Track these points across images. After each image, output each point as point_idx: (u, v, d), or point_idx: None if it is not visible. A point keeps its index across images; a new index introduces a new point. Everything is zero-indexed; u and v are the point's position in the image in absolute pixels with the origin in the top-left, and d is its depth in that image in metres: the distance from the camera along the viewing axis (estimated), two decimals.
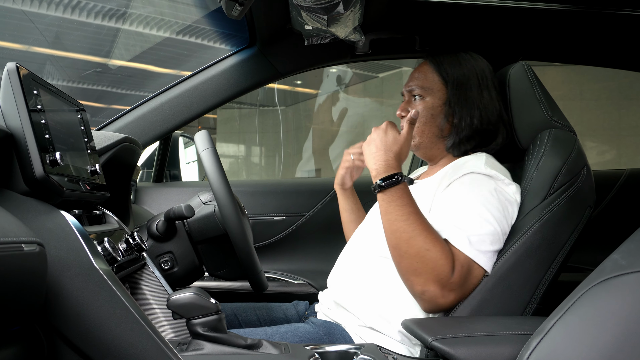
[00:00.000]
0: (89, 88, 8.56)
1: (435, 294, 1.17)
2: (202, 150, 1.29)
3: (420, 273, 1.17)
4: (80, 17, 6.81)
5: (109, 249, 0.93)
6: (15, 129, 0.86)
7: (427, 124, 1.41)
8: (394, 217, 1.21)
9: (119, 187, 1.45)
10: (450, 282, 1.17)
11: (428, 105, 1.41)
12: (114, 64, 8.16)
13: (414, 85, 1.44)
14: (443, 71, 1.41)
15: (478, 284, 1.21)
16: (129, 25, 6.91)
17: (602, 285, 0.78)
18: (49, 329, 0.79)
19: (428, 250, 1.16)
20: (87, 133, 1.15)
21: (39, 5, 6.57)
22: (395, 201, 1.21)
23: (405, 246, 1.18)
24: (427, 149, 1.44)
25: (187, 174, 3.66)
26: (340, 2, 1.40)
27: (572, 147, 1.31)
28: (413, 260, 1.18)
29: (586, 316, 0.77)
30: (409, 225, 1.19)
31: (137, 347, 0.83)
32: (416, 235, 1.17)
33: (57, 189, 0.88)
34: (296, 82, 9.75)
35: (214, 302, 1.00)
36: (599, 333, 0.73)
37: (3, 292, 0.65)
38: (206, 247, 1.39)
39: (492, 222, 1.21)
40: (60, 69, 8.09)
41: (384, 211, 1.23)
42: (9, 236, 0.65)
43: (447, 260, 1.16)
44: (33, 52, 7.22)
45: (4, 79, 0.87)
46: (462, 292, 1.19)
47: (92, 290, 0.82)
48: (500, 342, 1.01)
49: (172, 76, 8.08)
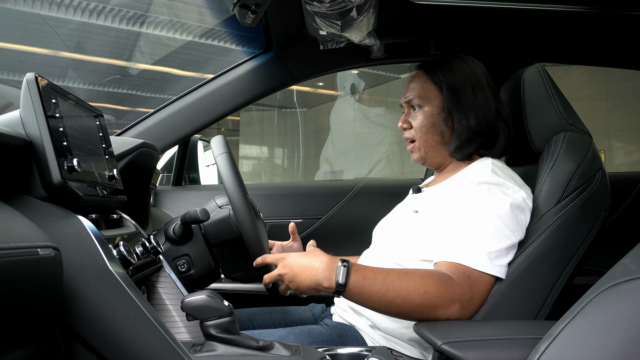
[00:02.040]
0: (114, 91, 8.70)
1: (460, 313, 1.15)
2: (217, 155, 1.32)
3: (436, 309, 1.13)
4: (106, 22, 6.93)
5: (124, 253, 0.96)
6: (34, 136, 0.89)
7: (429, 132, 1.41)
8: (377, 296, 1.12)
9: (138, 191, 1.48)
10: (463, 293, 1.15)
11: (427, 114, 1.41)
12: (138, 67, 8.27)
13: (411, 96, 1.44)
14: (436, 78, 1.41)
15: (491, 286, 1.21)
16: (152, 30, 7.00)
17: (612, 290, 0.77)
18: (65, 329, 0.82)
19: (426, 292, 1.12)
20: (105, 139, 1.18)
21: (65, 11, 6.71)
22: (365, 284, 1.12)
23: (407, 306, 1.12)
24: (432, 158, 1.44)
25: (206, 177, 3.70)
26: (353, 8, 1.41)
27: (587, 150, 1.30)
28: (421, 309, 1.13)
29: (595, 321, 0.76)
30: (393, 290, 1.12)
31: (151, 348, 0.85)
32: (407, 292, 1.12)
33: (74, 195, 0.91)
34: (318, 83, 9.77)
35: (227, 304, 1.03)
36: (608, 338, 0.72)
37: (20, 294, 0.68)
38: (222, 249, 1.42)
39: (509, 235, 1.20)
40: (86, 73, 8.23)
41: (365, 300, 1.13)
42: (25, 241, 0.68)
43: (446, 283, 1.13)
44: (59, 57, 7.36)
45: (23, 89, 0.90)
46: (480, 296, 1.18)
47: (107, 292, 0.85)
48: (509, 346, 1.01)
49: (195, 79, 8.17)
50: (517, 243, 1.22)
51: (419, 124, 1.42)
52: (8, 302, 0.66)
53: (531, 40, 1.83)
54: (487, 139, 1.39)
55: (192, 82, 2.15)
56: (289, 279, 1.17)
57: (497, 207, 1.21)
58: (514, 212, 1.22)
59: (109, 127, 3.78)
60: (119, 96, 8.90)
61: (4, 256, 0.65)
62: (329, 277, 1.12)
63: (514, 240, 1.20)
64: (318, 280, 1.13)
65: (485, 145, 1.39)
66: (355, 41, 1.63)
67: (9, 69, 8.22)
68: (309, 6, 1.41)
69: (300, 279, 1.15)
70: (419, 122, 1.42)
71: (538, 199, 1.29)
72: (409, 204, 1.46)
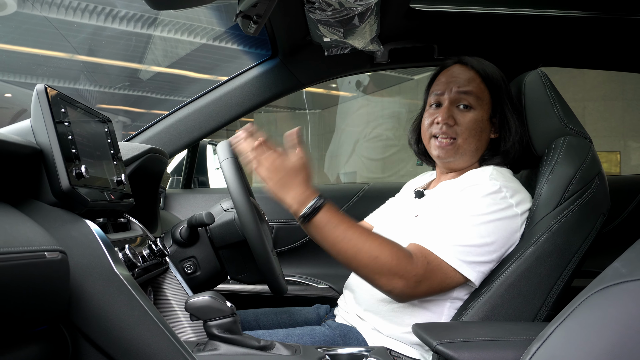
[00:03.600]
0: (129, 94, 8.80)
1: (403, 289, 1.18)
2: (222, 160, 1.36)
3: (379, 276, 1.18)
4: (121, 25, 7.01)
5: (129, 255, 1.00)
6: (44, 144, 0.93)
7: (474, 136, 1.38)
8: (332, 241, 1.18)
9: (147, 194, 1.53)
10: (414, 274, 1.17)
11: (478, 118, 1.38)
12: (152, 70, 8.34)
13: (465, 91, 1.37)
14: (492, 84, 1.38)
15: (455, 285, 1.23)
16: (166, 33, 7.07)
17: (603, 293, 0.79)
18: (72, 328, 0.86)
19: (377, 257, 1.16)
20: (114, 144, 1.22)
21: (81, 15, 6.80)
22: (326, 226, 1.18)
23: (355, 262, 1.18)
24: (460, 161, 1.41)
25: (216, 180, 3.74)
26: (355, 15, 1.44)
27: (586, 154, 1.31)
28: (368, 269, 1.18)
29: (585, 322, 0.77)
30: (349, 242, 1.17)
31: (154, 346, 0.89)
32: (360, 249, 1.17)
33: (82, 200, 0.96)
34: (331, 85, 9.79)
35: (230, 305, 1.06)
36: (598, 339, 0.73)
37: (28, 294, 0.72)
38: (227, 252, 1.45)
39: (484, 235, 1.22)
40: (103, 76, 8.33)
41: (320, 239, 1.20)
42: (33, 245, 0.73)
43: (401, 257, 1.17)
44: (75, 60, 7.46)
45: (33, 99, 0.95)
46: (430, 284, 1.20)
47: (112, 293, 0.89)
48: (503, 347, 1.03)
49: (209, 81, 8.24)
50: (497, 250, 1.23)
51: (468, 125, 1.37)
52: (17, 302, 0.71)
53: (534, 45, 1.85)
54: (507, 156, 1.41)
55: (206, 84, 2.19)
56: (269, 180, 1.21)
57: (481, 209, 1.23)
58: (498, 218, 1.24)
59: (125, 129, 3.85)
60: (134, 98, 9.00)
61: (13, 259, 0.69)
62: (298, 209, 1.19)
63: (490, 244, 1.22)
64: (289, 202, 1.20)
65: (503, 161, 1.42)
66: (358, 47, 1.66)
67: (27, 72, 8.36)
68: (312, 14, 1.45)
69: (276, 187, 1.20)
70: (469, 124, 1.37)
71: (537, 202, 1.31)
72: (410, 208, 1.47)
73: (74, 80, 8.14)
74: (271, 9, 1.03)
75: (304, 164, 1.22)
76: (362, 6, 1.39)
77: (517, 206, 1.27)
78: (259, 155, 1.21)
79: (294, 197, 1.19)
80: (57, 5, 6.66)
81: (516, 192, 1.30)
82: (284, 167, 1.20)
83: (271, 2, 1.01)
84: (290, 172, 1.20)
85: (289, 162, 1.20)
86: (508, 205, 1.26)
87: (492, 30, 1.80)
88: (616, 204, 2.02)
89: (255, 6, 1.02)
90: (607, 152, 8.37)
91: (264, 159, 1.21)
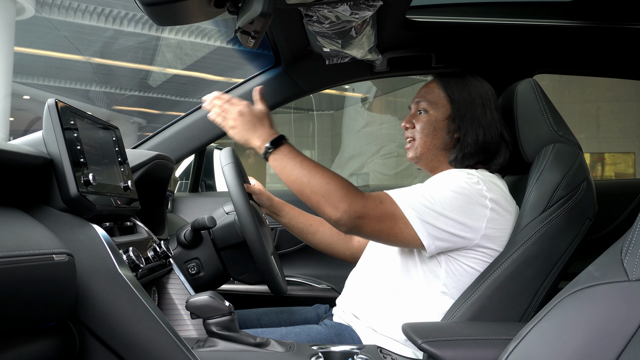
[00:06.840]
0: (146, 96, 8.92)
1: (346, 217, 1.27)
2: (224, 165, 1.43)
3: (325, 200, 1.28)
4: (136, 29, 7.13)
5: (133, 257, 1.08)
6: (54, 154, 1.01)
7: (429, 135, 1.49)
8: (289, 170, 1.32)
9: (154, 199, 1.60)
10: (362, 206, 1.27)
11: (432, 119, 1.48)
12: (169, 72, 8.45)
13: (420, 99, 1.52)
14: (449, 89, 1.48)
15: (405, 242, 1.31)
16: (181, 36, 7.17)
17: (576, 295, 0.83)
18: (80, 325, 0.94)
19: (329, 184, 1.28)
20: (121, 152, 1.30)
21: (97, 19, 6.92)
22: (286, 156, 1.33)
23: (307, 189, 1.30)
24: (427, 160, 1.50)
25: (222, 183, 3.80)
26: (352, 27, 1.50)
27: (574, 161, 1.36)
28: (319, 196, 1.29)
29: (559, 322, 0.82)
30: (303, 169, 1.31)
31: (155, 342, 0.96)
32: (314, 175, 1.30)
33: (89, 206, 1.03)
34: (344, 86, 9.85)
35: (228, 304, 1.13)
36: (570, 338, 0.78)
37: (37, 293, 0.79)
38: (229, 253, 1.53)
39: (441, 202, 1.30)
40: (118, 78, 8.47)
41: (280, 170, 1.33)
42: (42, 248, 0.80)
43: (351, 189, 1.29)
44: (91, 63, 7.60)
45: (45, 112, 1.03)
46: (377, 226, 1.29)
47: (116, 293, 0.96)
48: (484, 346, 1.09)
49: (224, 84, 8.33)
50: (455, 226, 1.29)
51: (422, 126, 1.49)
52: (27, 300, 0.78)
53: (530, 53, 1.89)
54: (487, 156, 1.45)
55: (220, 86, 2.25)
56: (235, 127, 1.36)
57: (451, 186, 1.32)
58: (467, 200, 1.30)
59: (140, 130, 3.95)
60: (149, 100, 9.11)
61: (24, 262, 0.77)
62: (262, 144, 1.33)
63: (450, 218, 1.29)
64: (255, 141, 1.34)
65: (484, 161, 1.46)
66: (357, 57, 1.71)
67: (46, 75, 8.53)
68: (311, 27, 1.51)
69: (243, 131, 1.35)
70: (422, 124, 1.49)
71: (525, 207, 1.35)
72: None
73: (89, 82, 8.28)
74: (267, 25, 1.09)
75: (267, 114, 1.39)
76: (358, 19, 1.45)
77: (489, 199, 1.32)
78: (225, 111, 1.37)
79: (260, 136, 1.34)
80: (74, 9, 6.78)
81: (492, 188, 1.34)
82: (251, 112, 1.36)
83: (267, 20, 1.07)
84: (256, 117, 1.36)
85: (255, 110, 1.38)
86: (478, 191, 1.32)
87: (488, 39, 1.84)
88: (614, 207, 2.06)
89: (252, 23, 1.08)
90: (622, 153, 8.31)
91: (231, 111, 1.37)
